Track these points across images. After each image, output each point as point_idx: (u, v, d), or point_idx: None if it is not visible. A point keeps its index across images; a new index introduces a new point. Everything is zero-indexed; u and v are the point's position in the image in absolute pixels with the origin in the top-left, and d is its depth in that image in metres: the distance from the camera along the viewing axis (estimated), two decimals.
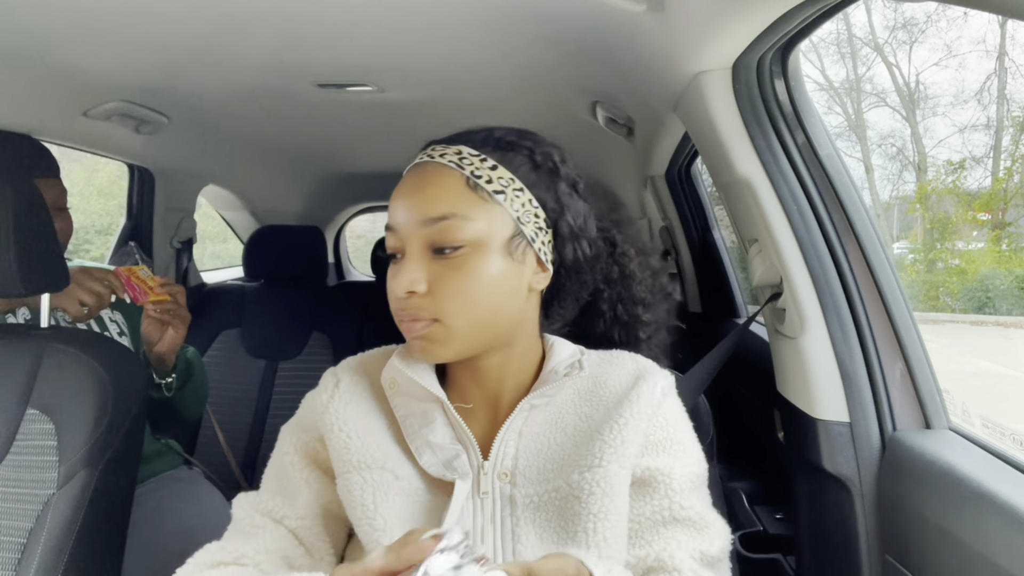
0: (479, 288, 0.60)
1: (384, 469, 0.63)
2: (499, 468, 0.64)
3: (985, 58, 9.97)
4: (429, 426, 0.65)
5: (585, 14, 0.97)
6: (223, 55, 1.19)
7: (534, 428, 0.66)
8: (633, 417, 0.63)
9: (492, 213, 0.61)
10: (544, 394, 0.66)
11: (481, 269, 0.60)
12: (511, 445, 0.65)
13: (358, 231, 4.32)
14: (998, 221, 7.50)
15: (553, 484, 0.62)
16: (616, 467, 0.61)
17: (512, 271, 0.62)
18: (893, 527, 0.79)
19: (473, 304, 0.61)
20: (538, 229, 0.64)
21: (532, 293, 0.66)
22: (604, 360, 0.70)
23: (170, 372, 1.23)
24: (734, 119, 0.91)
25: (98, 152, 1.73)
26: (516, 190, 0.62)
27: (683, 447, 0.66)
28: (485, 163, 0.62)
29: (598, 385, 0.68)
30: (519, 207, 0.62)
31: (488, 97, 1.47)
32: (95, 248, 5.09)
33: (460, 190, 0.61)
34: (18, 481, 0.87)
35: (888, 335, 0.85)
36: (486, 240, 0.61)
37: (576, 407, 0.67)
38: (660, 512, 0.62)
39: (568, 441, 0.64)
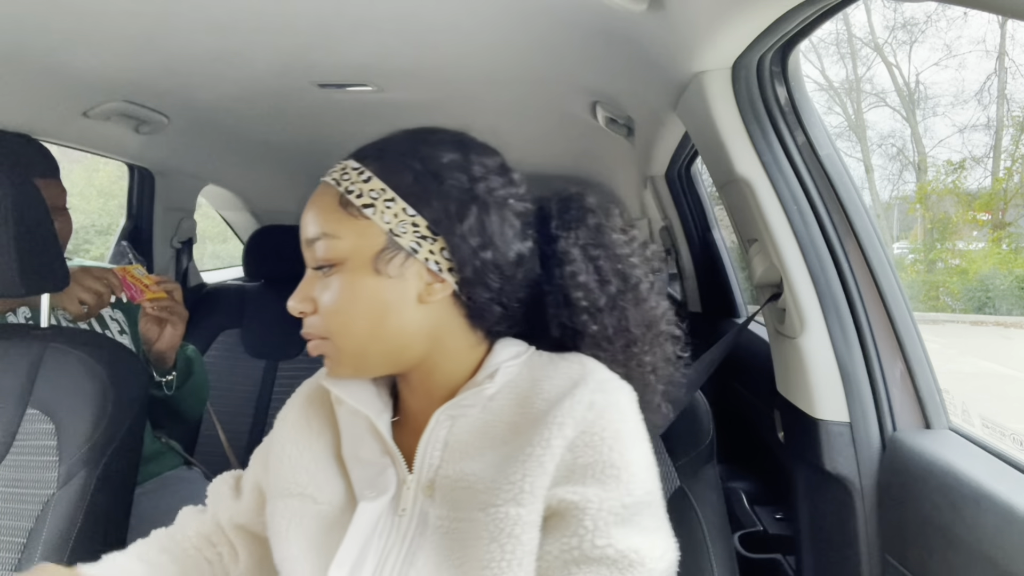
0: (351, 306, 0.60)
1: (304, 496, 0.64)
2: (423, 480, 0.61)
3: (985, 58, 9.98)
4: (359, 440, 0.65)
5: (585, 14, 0.97)
6: (223, 55, 1.19)
7: (463, 437, 0.61)
8: (548, 442, 0.56)
9: (360, 229, 0.60)
10: (461, 404, 0.62)
11: (350, 287, 0.60)
12: (435, 456, 0.61)
13: None
14: (998, 221, 7.50)
15: (460, 512, 0.58)
16: (512, 507, 0.55)
17: (387, 287, 0.60)
18: (893, 527, 0.79)
19: (350, 322, 0.61)
20: (420, 239, 0.60)
21: (436, 304, 0.62)
22: (552, 360, 0.64)
23: (170, 370, 1.23)
24: (734, 119, 0.91)
25: (98, 152, 1.73)
26: (387, 201, 0.60)
27: (618, 472, 0.56)
28: (361, 176, 0.61)
29: (534, 390, 0.61)
30: (391, 218, 0.60)
31: (488, 97, 1.47)
32: (95, 248, 5.09)
33: (331, 208, 0.61)
34: (18, 481, 0.87)
35: (888, 335, 0.85)
36: (352, 257, 0.60)
37: (509, 415, 0.61)
38: (569, 551, 0.54)
39: (491, 457, 0.59)
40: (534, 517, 0.55)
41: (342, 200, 0.61)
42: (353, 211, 0.60)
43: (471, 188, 0.62)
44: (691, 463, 0.90)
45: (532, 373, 0.63)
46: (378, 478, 0.62)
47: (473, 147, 0.65)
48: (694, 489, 0.89)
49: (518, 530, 0.55)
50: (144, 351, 1.24)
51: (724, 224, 1.88)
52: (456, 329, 0.64)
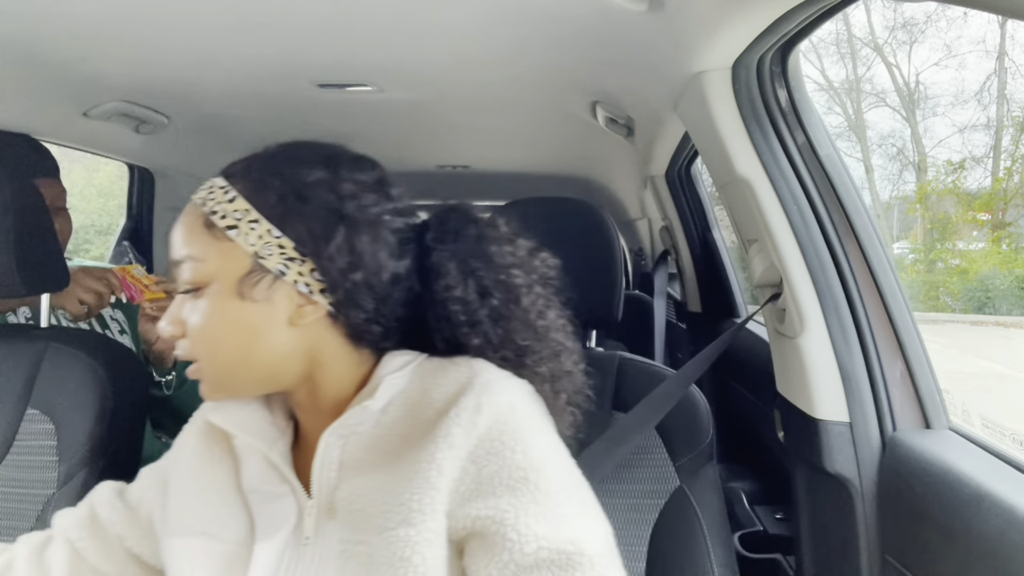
0: (217, 330, 0.59)
1: (207, 535, 0.61)
2: (323, 503, 0.59)
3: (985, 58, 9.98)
4: (256, 472, 0.63)
5: (585, 14, 0.97)
6: (223, 55, 1.19)
7: (357, 455, 0.59)
8: (433, 457, 0.54)
9: (224, 251, 0.58)
10: (346, 423, 0.60)
11: (216, 311, 0.58)
12: (331, 477, 0.59)
13: None
14: (998, 221, 7.50)
15: (361, 535, 0.56)
16: (405, 529, 0.53)
17: (254, 310, 0.58)
18: (893, 527, 0.79)
19: (217, 346, 0.59)
20: (288, 261, 0.58)
21: (310, 326, 0.60)
22: (440, 367, 0.61)
23: (170, 370, 1.24)
24: (734, 119, 0.91)
25: (98, 152, 1.73)
26: (251, 222, 0.58)
27: (525, 473, 0.54)
28: (227, 195, 0.59)
29: (424, 399, 0.59)
30: (255, 240, 0.57)
31: (488, 97, 1.47)
32: (95, 248, 5.09)
33: (197, 230, 0.59)
34: (18, 481, 0.87)
35: (888, 335, 0.85)
36: (216, 281, 0.58)
37: (402, 427, 0.59)
38: (505, 568, 0.51)
39: (385, 474, 0.57)
40: (428, 536, 0.53)
41: (207, 221, 0.59)
42: (217, 233, 0.58)
43: (339, 208, 0.59)
44: (691, 463, 0.90)
45: (422, 382, 0.61)
46: (278, 509, 0.60)
47: (345, 163, 0.62)
48: (694, 489, 0.89)
49: (408, 551, 0.53)
50: (144, 351, 1.24)
51: (724, 224, 1.88)
52: (337, 348, 0.62)
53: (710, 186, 1.85)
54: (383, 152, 2.15)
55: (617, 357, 0.99)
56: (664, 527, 0.88)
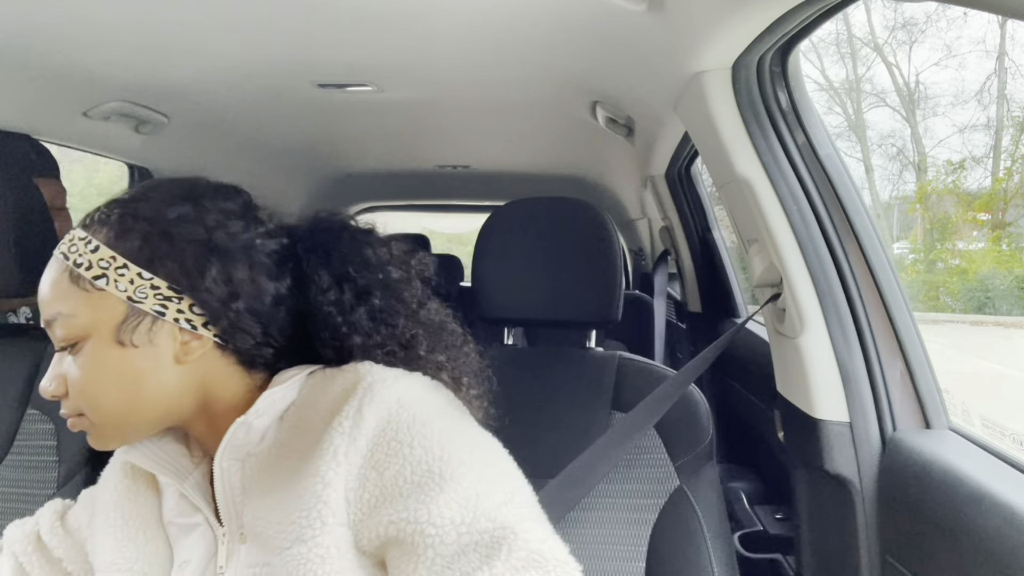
0: (99, 382, 0.57)
1: (132, 571, 0.61)
2: (234, 528, 0.58)
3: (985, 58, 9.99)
4: (171, 505, 0.63)
5: (585, 14, 0.97)
6: (223, 55, 1.19)
7: (259, 476, 0.58)
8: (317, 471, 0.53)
9: (95, 302, 0.57)
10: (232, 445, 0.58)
11: (96, 362, 0.57)
12: (238, 501, 0.58)
13: None
14: (998, 221, 7.50)
15: (267, 557, 0.55)
16: (298, 547, 0.52)
17: (136, 356, 0.57)
18: (893, 527, 0.79)
19: (101, 397, 0.57)
20: (165, 300, 0.57)
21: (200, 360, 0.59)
22: (329, 377, 0.60)
23: None
24: (734, 119, 0.91)
25: (98, 152, 1.73)
26: (119, 268, 0.57)
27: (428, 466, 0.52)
28: (88, 246, 0.57)
29: (312, 412, 0.58)
30: (126, 286, 0.56)
31: (488, 97, 1.47)
32: None
33: (63, 285, 0.58)
34: (18, 481, 0.87)
35: (888, 335, 0.85)
36: (91, 333, 0.57)
37: (293, 441, 0.58)
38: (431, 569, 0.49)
39: (280, 495, 0.56)
40: (321, 552, 0.52)
41: (72, 274, 0.57)
42: (85, 284, 0.57)
43: (208, 239, 0.59)
44: (691, 463, 0.90)
45: (312, 393, 0.60)
46: (195, 539, 0.60)
47: (206, 194, 0.62)
48: (694, 489, 0.89)
49: (303, 569, 0.52)
50: None
51: (724, 224, 1.88)
52: (229, 376, 0.61)
53: (710, 186, 1.85)
54: (383, 152, 2.18)
55: (617, 357, 0.99)
56: (664, 527, 0.88)
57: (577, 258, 1.00)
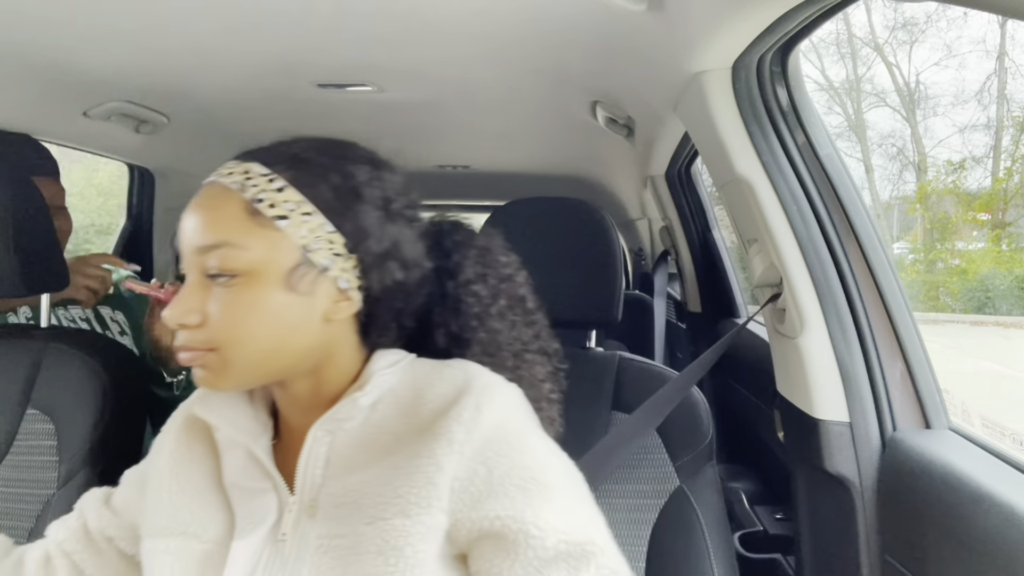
0: (255, 322, 0.56)
1: (187, 535, 0.60)
2: (306, 500, 0.58)
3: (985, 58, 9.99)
4: (239, 466, 0.63)
5: (585, 14, 0.97)
6: (223, 55, 1.19)
7: (345, 452, 0.59)
8: (433, 452, 0.55)
9: (272, 241, 0.56)
10: (335, 418, 0.59)
11: (257, 302, 0.56)
12: (316, 474, 0.58)
13: None
14: (998, 221, 7.50)
15: (344, 529, 0.56)
16: (400, 519, 0.53)
17: (296, 304, 0.57)
18: (893, 527, 0.79)
19: (247, 336, 0.56)
20: (334, 256, 0.58)
21: (336, 323, 0.60)
22: (435, 368, 0.62)
23: (181, 370, 1.25)
24: (734, 119, 0.91)
25: (98, 152, 1.73)
26: (304, 214, 0.57)
27: (534, 473, 0.55)
28: (272, 184, 0.57)
29: (418, 398, 0.59)
30: (306, 233, 0.56)
31: (488, 97, 1.47)
32: (95, 248, 5.09)
33: (237, 216, 0.56)
34: (18, 481, 0.87)
35: (888, 335, 0.85)
36: (263, 271, 0.56)
37: (393, 425, 0.59)
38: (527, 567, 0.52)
39: (378, 470, 0.57)
40: (421, 529, 0.54)
41: (249, 208, 0.56)
42: (263, 221, 0.56)
43: (387, 206, 0.60)
44: (691, 463, 0.90)
45: (414, 381, 0.61)
46: (259, 505, 0.60)
47: (384, 164, 0.63)
48: (694, 489, 0.89)
49: (402, 542, 0.53)
50: (152, 352, 1.25)
51: (724, 224, 1.88)
52: (349, 345, 0.62)
53: (710, 186, 1.85)
54: (383, 152, 2.16)
55: (617, 357, 0.99)
56: (664, 527, 0.88)
57: (577, 258, 1.00)
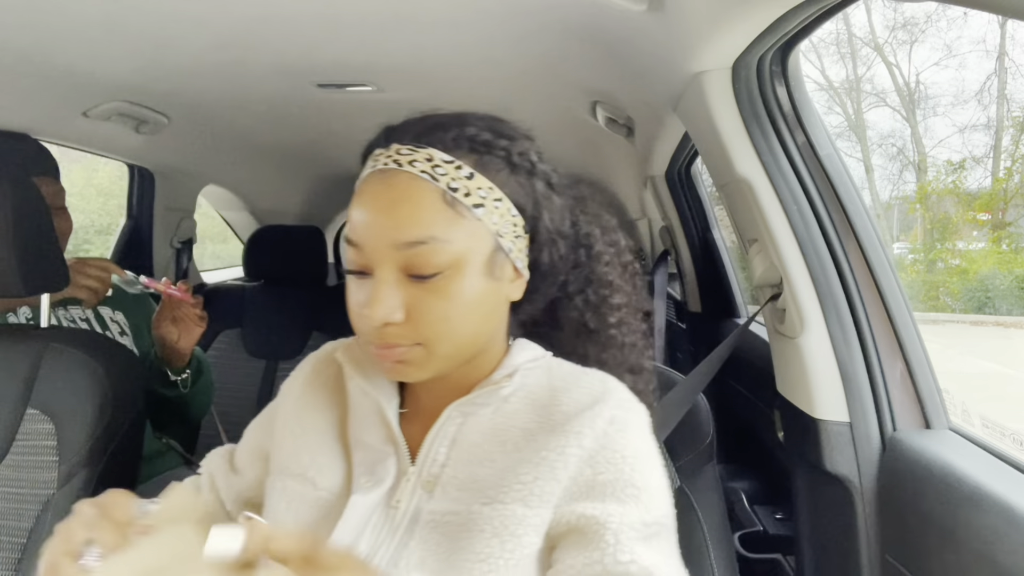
0: (460, 312, 0.56)
1: (304, 478, 0.62)
2: (424, 475, 0.59)
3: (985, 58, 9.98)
4: (366, 423, 0.63)
5: (585, 14, 0.97)
6: (223, 55, 1.19)
7: (472, 437, 0.60)
8: (561, 452, 0.56)
9: (471, 230, 0.55)
10: (474, 402, 0.60)
11: (462, 292, 0.55)
12: (441, 452, 0.59)
13: None
14: (998, 221, 7.50)
15: (459, 507, 0.56)
16: (519, 507, 0.54)
17: (492, 289, 0.58)
18: (893, 527, 0.79)
19: (456, 328, 0.56)
20: (516, 238, 0.58)
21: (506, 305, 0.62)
22: (572, 373, 0.63)
23: (184, 368, 1.25)
24: (734, 119, 0.91)
25: (98, 152, 1.73)
26: (495, 200, 0.56)
27: (637, 491, 0.55)
28: (461, 171, 0.55)
29: (553, 399, 0.60)
30: (498, 219, 0.56)
31: (488, 97, 1.47)
32: (95, 248, 5.08)
33: (437, 208, 0.54)
34: (18, 481, 0.87)
35: (888, 335, 0.85)
36: (465, 261, 0.55)
37: (524, 420, 0.60)
38: (592, 566, 0.52)
39: (503, 460, 0.58)
40: (537, 521, 0.54)
41: (446, 197, 0.54)
42: (462, 210, 0.54)
43: (550, 184, 0.61)
44: (691, 463, 0.90)
45: (551, 382, 0.62)
46: (378, 466, 0.60)
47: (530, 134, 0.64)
48: (694, 489, 0.89)
49: (520, 530, 0.54)
50: (156, 352, 1.25)
51: (724, 224, 1.87)
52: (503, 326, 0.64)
53: (710, 186, 1.85)
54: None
55: None
56: None
57: None
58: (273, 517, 0.61)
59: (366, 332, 0.57)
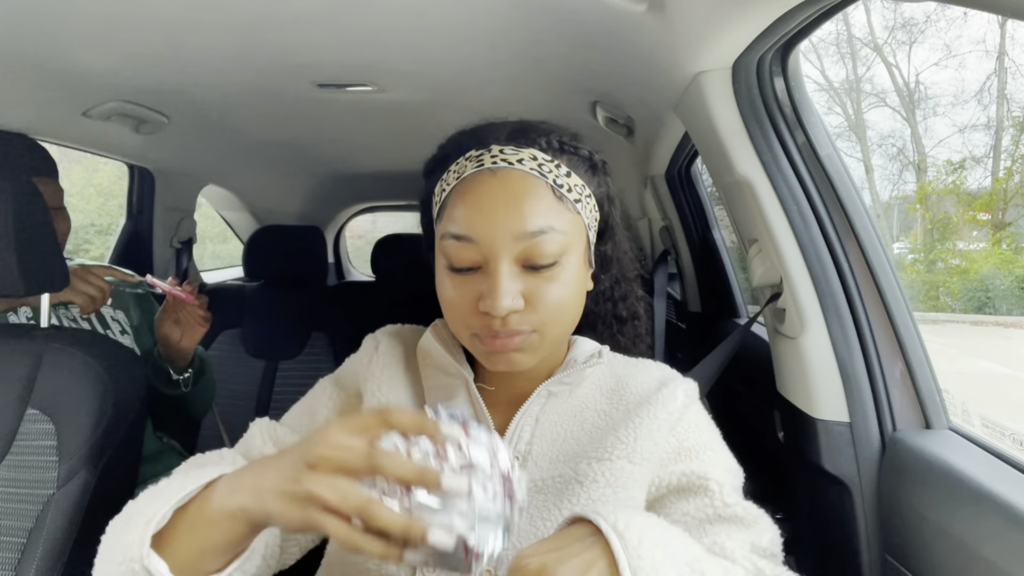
0: (570, 298, 0.62)
1: None
2: (514, 451, 0.64)
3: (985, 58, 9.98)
4: (451, 401, 0.67)
5: (585, 14, 0.97)
6: (223, 55, 1.19)
7: (552, 417, 0.66)
8: (652, 419, 0.63)
9: (574, 223, 0.62)
10: (562, 381, 0.67)
11: (572, 281, 0.61)
12: (527, 430, 0.65)
13: (358, 231, 4.32)
14: (998, 221, 7.50)
15: (559, 471, 0.62)
16: (626, 463, 0.61)
17: (586, 277, 0.66)
18: (893, 527, 0.79)
19: (566, 312, 0.62)
20: (595, 232, 0.66)
21: None
22: (630, 363, 0.72)
23: (187, 367, 1.25)
24: (734, 119, 0.91)
25: (98, 152, 1.73)
26: (587, 196, 0.63)
27: (716, 454, 0.66)
28: (560, 170, 0.61)
29: (621, 385, 0.68)
30: (589, 213, 0.63)
31: (488, 97, 1.47)
32: (95, 248, 5.09)
33: (550, 201, 0.59)
34: (18, 481, 0.87)
35: (888, 335, 0.85)
36: (572, 250, 0.61)
37: (597, 403, 0.67)
38: (704, 510, 0.61)
39: (584, 435, 0.65)
40: (641, 478, 0.61)
41: (556, 192, 0.60)
42: (568, 205, 0.61)
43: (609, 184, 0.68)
44: None
45: (613, 370, 0.70)
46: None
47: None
48: None
49: (630, 483, 0.60)
50: (159, 351, 1.25)
51: (724, 224, 1.87)
52: None
53: (710, 186, 1.85)
54: (383, 152, 2.17)
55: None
56: None
57: None
58: None
59: (481, 326, 0.60)
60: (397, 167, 2.35)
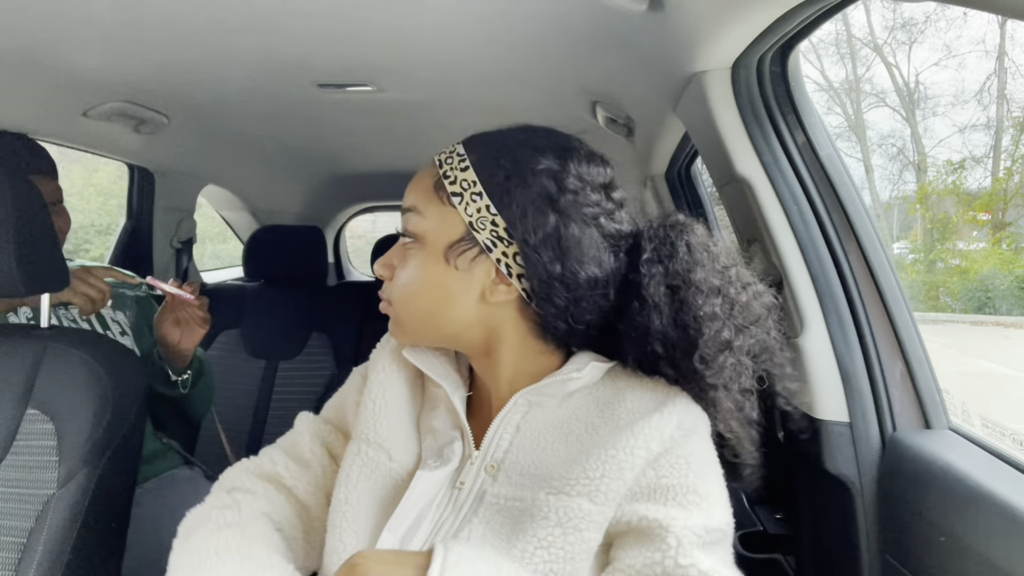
0: (416, 284, 0.63)
1: (380, 447, 0.66)
2: (488, 459, 0.62)
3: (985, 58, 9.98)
4: (435, 410, 0.68)
5: (585, 14, 0.97)
6: (223, 55, 1.19)
7: (535, 426, 0.63)
8: (627, 455, 0.57)
9: (443, 214, 0.62)
10: (542, 391, 0.63)
11: (420, 266, 0.63)
12: (505, 438, 0.63)
13: (358, 231, 4.33)
14: (998, 221, 7.50)
15: (520, 494, 0.59)
16: (585, 500, 0.56)
17: (453, 277, 0.62)
18: (893, 527, 0.79)
19: (410, 297, 0.64)
20: (496, 239, 0.60)
21: (501, 305, 0.63)
22: (635, 376, 0.64)
23: (186, 368, 1.25)
24: (734, 119, 0.91)
25: (98, 152, 1.73)
26: (474, 194, 0.61)
27: (699, 498, 0.56)
28: (462, 163, 0.63)
29: (617, 399, 0.62)
30: (473, 212, 0.61)
31: (488, 97, 1.47)
32: (95, 248, 5.09)
33: (426, 186, 0.64)
34: (18, 481, 0.87)
35: (888, 335, 0.85)
36: (430, 239, 0.62)
37: (587, 415, 0.62)
38: (652, 567, 0.52)
39: (564, 451, 0.60)
40: (600, 519, 0.56)
41: (437, 182, 0.63)
42: (443, 195, 0.62)
43: (557, 199, 0.60)
44: None
45: (615, 382, 0.65)
46: (444, 449, 0.64)
47: (577, 157, 0.64)
48: None
49: (583, 524, 0.56)
50: (159, 352, 1.25)
51: (724, 224, 1.87)
52: (523, 333, 0.65)
53: (710, 186, 1.84)
54: (383, 152, 2.18)
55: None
56: None
57: None
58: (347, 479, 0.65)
59: None
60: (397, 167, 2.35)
